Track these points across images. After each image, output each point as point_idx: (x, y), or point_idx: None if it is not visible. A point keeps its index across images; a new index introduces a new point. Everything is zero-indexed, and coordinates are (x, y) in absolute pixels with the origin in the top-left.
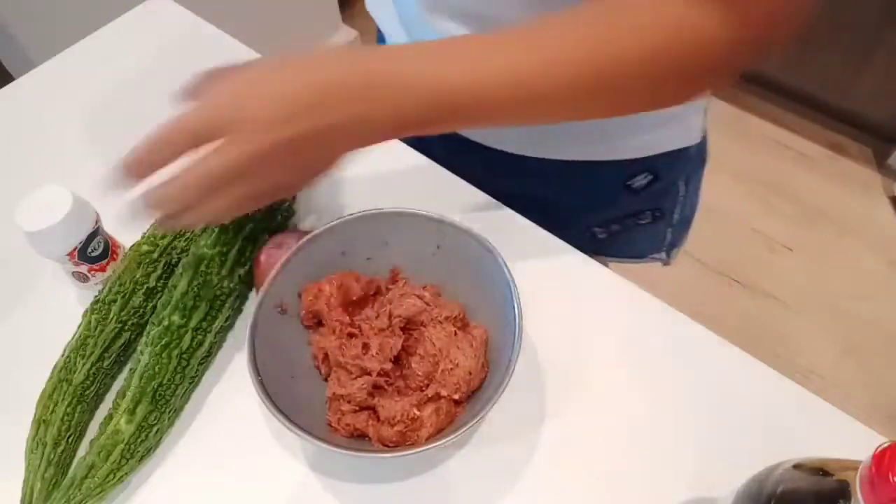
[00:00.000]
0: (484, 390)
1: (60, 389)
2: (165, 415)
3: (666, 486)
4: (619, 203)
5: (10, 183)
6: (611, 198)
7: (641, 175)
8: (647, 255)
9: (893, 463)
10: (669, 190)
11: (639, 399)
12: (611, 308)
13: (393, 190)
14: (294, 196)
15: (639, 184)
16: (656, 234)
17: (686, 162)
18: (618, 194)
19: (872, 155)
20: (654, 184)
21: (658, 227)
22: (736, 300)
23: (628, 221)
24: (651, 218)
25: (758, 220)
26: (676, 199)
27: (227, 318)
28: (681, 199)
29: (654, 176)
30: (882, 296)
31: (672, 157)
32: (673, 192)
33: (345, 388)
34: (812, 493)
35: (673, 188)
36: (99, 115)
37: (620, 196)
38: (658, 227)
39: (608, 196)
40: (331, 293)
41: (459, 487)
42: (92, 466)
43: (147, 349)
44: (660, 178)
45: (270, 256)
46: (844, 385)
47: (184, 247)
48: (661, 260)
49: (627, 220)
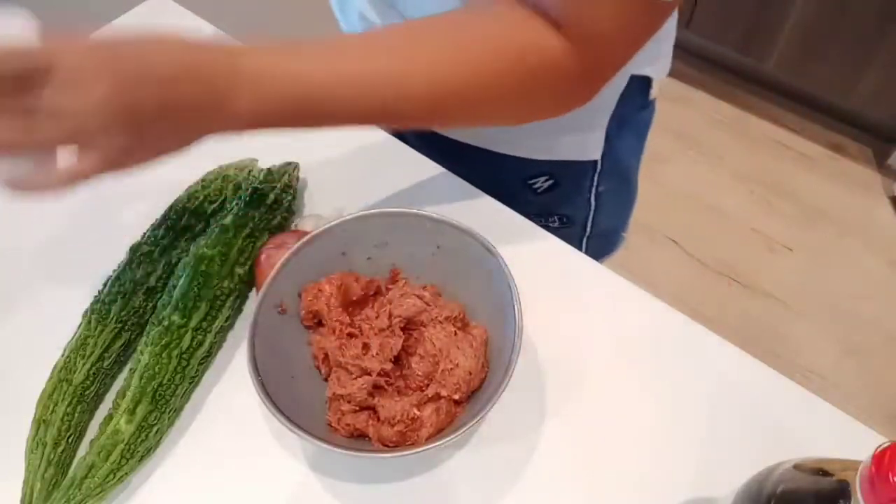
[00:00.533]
0: (484, 390)
1: (60, 389)
2: (165, 415)
3: (666, 486)
4: (522, 200)
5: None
6: (514, 192)
7: (542, 177)
8: None
9: (893, 463)
10: (574, 200)
11: (639, 399)
12: (611, 308)
13: (393, 190)
14: (293, 195)
15: (539, 185)
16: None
17: (592, 176)
18: (520, 191)
19: (872, 155)
20: (554, 188)
21: (569, 234)
22: (736, 300)
23: (538, 221)
24: (559, 223)
25: (758, 220)
26: (586, 211)
27: (227, 318)
28: (593, 213)
29: (554, 181)
30: (882, 296)
31: (572, 168)
32: (580, 204)
33: (345, 388)
34: (812, 493)
35: (579, 199)
36: None
37: (523, 193)
38: (569, 234)
39: (512, 190)
40: (331, 293)
41: (459, 487)
42: (92, 466)
43: (147, 349)
44: (560, 185)
45: (270, 256)
46: (844, 385)
47: (184, 247)
48: None
49: (537, 219)
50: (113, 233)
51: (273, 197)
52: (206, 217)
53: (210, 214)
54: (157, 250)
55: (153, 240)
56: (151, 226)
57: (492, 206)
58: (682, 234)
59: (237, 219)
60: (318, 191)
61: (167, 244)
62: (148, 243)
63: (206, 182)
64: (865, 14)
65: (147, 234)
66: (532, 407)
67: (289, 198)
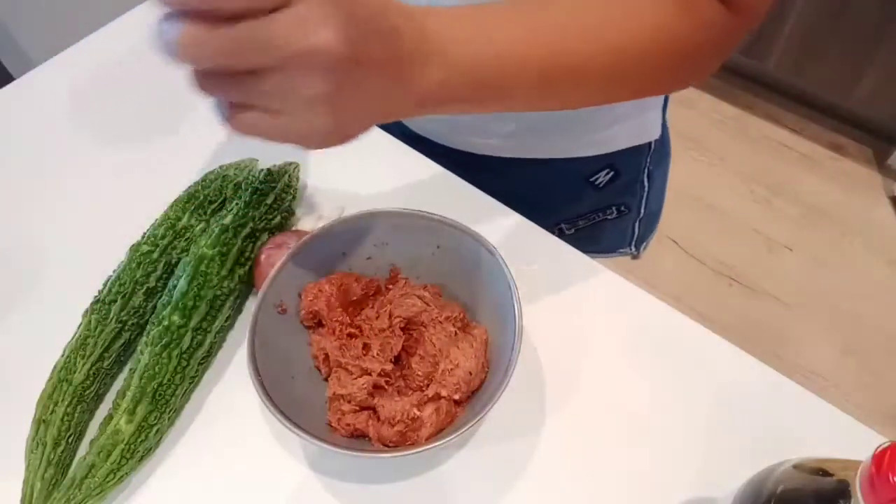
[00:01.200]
0: (484, 390)
1: (60, 389)
2: (165, 415)
3: (666, 485)
4: (583, 199)
5: (11, 183)
6: (575, 194)
7: (603, 171)
8: (615, 249)
9: (893, 463)
10: (632, 185)
11: (639, 399)
12: (611, 308)
13: (393, 190)
14: (293, 195)
15: (601, 180)
16: (623, 228)
17: (646, 157)
18: (581, 191)
19: (873, 155)
20: (615, 180)
21: (624, 222)
22: (736, 300)
23: (594, 216)
24: (616, 213)
25: (758, 220)
26: (640, 194)
27: (227, 318)
28: (645, 194)
29: (615, 172)
30: (882, 296)
31: (631, 154)
32: (636, 188)
33: (345, 388)
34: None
35: (636, 184)
36: (99, 115)
37: (584, 192)
38: (624, 222)
39: (572, 193)
40: (331, 293)
41: (459, 487)
42: (92, 466)
43: (147, 349)
44: (621, 175)
45: (270, 256)
46: (844, 385)
47: (184, 247)
48: (630, 254)
49: (593, 215)
50: (113, 233)
51: (273, 197)
52: (206, 217)
53: (210, 214)
54: (157, 250)
55: (153, 240)
56: (151, 226)
57: (492, 207)
58: (682, 234)
59: (237, 219)
60: (318, 191)
61: (167, 244)
62: (148, 243)
63: (206, 182)
64: (865, 14)
65: (147, 234)
66: (532, 407)
67: (289, 198)
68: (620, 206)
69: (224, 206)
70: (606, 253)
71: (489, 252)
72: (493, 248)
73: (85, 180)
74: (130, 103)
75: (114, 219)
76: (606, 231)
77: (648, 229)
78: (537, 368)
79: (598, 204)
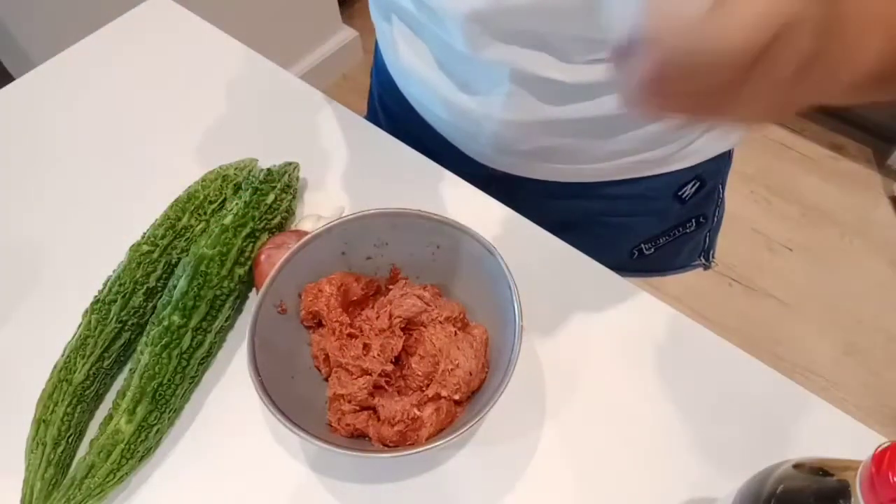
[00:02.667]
0: (484, 390)
1: (60, 389)
2: (165, 415)
3: (666, 486)
4: (669, 215)
5: (11, 183)
6: (663, 211)
7: (690, 183)
8: (689, 263)
9: (893, 463)
10: (712, 194)
11: (639, 399)
12: (611, 308)
13: (393, 190)
14: (293, 195)
15: (687, 193)
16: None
17: (726, 164)
18: (669, 206)
19: (872, 155)
20: (700, 191)
21: (700, 234)
22: (736, 300)
23: (675, 232)
24: (695, 225)
25: (758, 220)
26: (717, 201)
27: (227, 318)
28: (718, 202)
29: (701, 182)
30: (882, 296)
31: (714, 162)
32: (714, 196)
33: (345, 387)
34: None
35: (714, 192)
36: (99, 115)
37: (671, 207)
38: (700, 234)
39: (660, 209)
40: (331, 293)
41: (459, 487)
42: (92, 466)
43: (147, 349)
44: (705, 184)
45: (270, 256)
46: (844, 385)
47: (184, 247)
48: (703, 265)
49: (675, 230)
50: (113, 233)
51: (273, 197)
52: (206, 217)
53: (210, 214)
54: (157, 250)
55: (153, 240)
56: (151, 226)
57: (491, 206)
58: None
59: (237, 219)
60: (318, 191)
61: (167, 244)
62: (148, 243)
63: (206, 182)
64: None
65: (147, 234)
66: (532, 407)
67: (289, 198)
68: (700, 218)
69: (224, 206)
70: (681, 269)
71: (489, 252)
72: (493, 248)
73: (85, 180)
74: (130, 103)
75: (114, 219)
76: (684, 245)
77: (716, 237)
78: (537, 368)
79: (680, 218)
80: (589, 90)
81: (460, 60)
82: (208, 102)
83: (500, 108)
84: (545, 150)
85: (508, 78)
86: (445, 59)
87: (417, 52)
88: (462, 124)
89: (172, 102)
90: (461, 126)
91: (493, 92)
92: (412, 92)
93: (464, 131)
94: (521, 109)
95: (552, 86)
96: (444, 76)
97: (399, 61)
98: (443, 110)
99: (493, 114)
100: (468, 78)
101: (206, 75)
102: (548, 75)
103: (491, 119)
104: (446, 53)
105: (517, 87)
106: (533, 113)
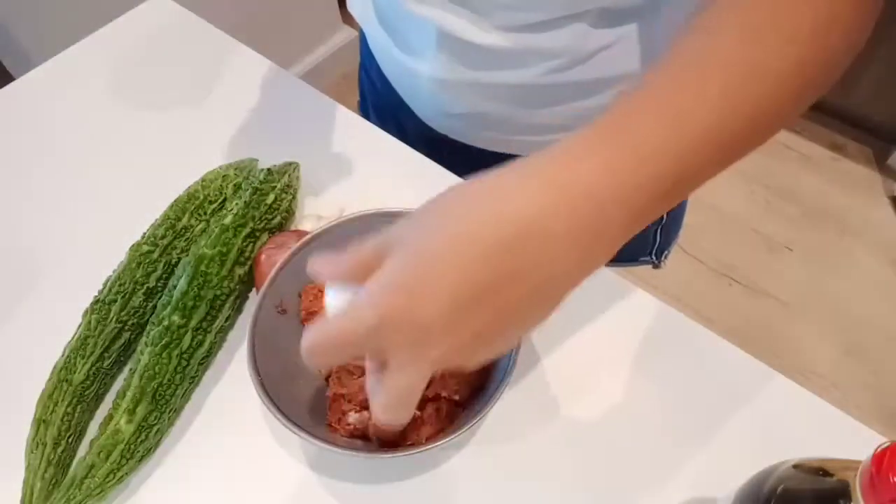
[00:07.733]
0: (484, 390)
1: (60, 389)
2: (165, 415)
3: (666, 485)
4: None
5: (11, 183)
6: None
7: None
8: (636, 258)
9: (893, 463)
10: None
11: (639, 399)
12: (611, 308)
13: (393, 190)
14: (293, 195)
15: None
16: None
17: None
18: None
19: (873, 155)
20: None
21: (647, 229)
22: (736, 300)
23: None
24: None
25: (758, 220)
26: None
27: (227, 318)
28: None
29: None
30: (882, 296)
31: None
32: None
33: (345, 387)
34: (812, 493)
35: None
36: (98, 115)
37: None
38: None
39: None
40: None
41: (459, 487)
42: (92, 466)
43: (147, 349)
44: None
45: (270, 256)
46: (844, 385)
47: (184, 247)
48: (651, 263)
49: None
50: (113, 233)
51: (273, 197)
52: (206, 217)
53: (210, 214)
54: (157, 250)
55: (153, 240)
56: (151, 226)
57: None
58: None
59: (237, 219)
60: (318, 191)
61: (167, 244)
62: (148, 243)
63: (206, 182)
64: None
65: (147, 234)
66: (532, 407)
67: (289, 198)
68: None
69: (224, 206)
70: (626, 262)
71: None
72: None
73: (84, 180)
74: (130, 103)
75: (114, 219)
76: None
77: (669, 239)
78: (537, 368)
79: None
80: (511, 57)
81: (397, 17)
82: (208, 102)
83: (430, 67)
84: (477, 116)
85: (436, 39)
86: (384, 15)
87: (364, 5)
88: (404, 81)
89: (172, 102)
90: (403, 83)
91: (425, 52)
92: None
93: (406, 87)
94: (448, 70)
95: (475, 50)
96: (384, 32)
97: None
98: (387, 65)
99: (425, 72)
100: (405, 36)
101: (206, 75)
102: (470, 38)
103: (423, 77)
104: (385, 7)
105: (444, 47)
106: (460, 74)
